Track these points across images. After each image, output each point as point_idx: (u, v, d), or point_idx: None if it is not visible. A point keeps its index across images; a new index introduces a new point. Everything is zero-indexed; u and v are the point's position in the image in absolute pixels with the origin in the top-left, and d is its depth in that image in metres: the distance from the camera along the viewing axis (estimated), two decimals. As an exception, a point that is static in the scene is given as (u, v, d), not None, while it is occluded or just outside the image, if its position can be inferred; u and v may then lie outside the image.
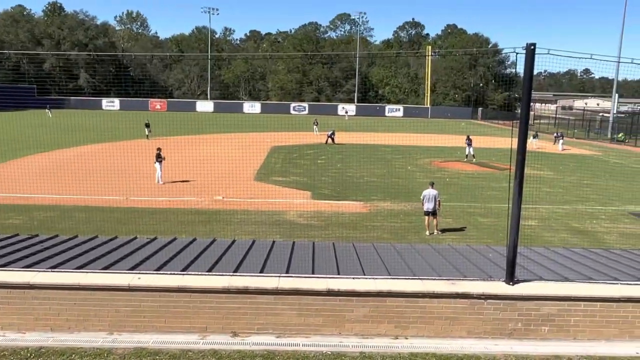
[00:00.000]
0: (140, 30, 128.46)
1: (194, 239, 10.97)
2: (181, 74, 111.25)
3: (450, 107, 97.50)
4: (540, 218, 19.89)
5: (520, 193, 7.46)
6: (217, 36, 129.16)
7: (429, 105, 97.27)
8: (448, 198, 22.13)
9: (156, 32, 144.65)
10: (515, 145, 7.21)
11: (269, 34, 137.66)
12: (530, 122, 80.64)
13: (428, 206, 17.54)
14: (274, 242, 11.02)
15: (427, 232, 17.49)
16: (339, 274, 7.98)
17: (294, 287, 7.25)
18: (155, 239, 10.78)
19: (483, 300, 7.13)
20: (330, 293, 7.20)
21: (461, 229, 18.17)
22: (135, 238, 10.83)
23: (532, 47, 6.79)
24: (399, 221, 19.01)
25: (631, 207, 22.14)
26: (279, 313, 7.25)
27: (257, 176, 27.07)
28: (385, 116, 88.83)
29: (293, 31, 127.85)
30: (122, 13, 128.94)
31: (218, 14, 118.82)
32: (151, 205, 19.76)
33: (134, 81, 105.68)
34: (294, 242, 10.96)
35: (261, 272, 8.16)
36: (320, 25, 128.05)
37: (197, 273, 7.84)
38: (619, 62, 10.37)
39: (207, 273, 7.88)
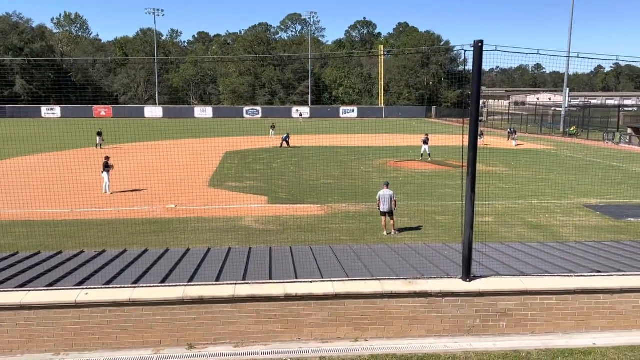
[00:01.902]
0: (80, 33, 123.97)
1: (146, 250, 10.57)
2: (127, 78, 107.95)
3: (404, 106, 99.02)
4: (496, 214, 20.32)
5: (473, 190, 7.50)
6: (163, 38, 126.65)
7: (383, 105, 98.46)
8: (404, 197, 22.32)
9: (98, 35, 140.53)
10: (466, 143, 7.24)
11: (218, 35, 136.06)
12: (484, 118, 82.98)
13: (384, 206, 17.61)
14: (229, 249, 10.75)
15: (385, 232, 17.56)
16: (297, 278, 7.83)
17: (251, 293, 7.04)
18: (103, 251, 10.31)
19: (441, 298, 7.13)
20: (288, 298, 7.03)
21: (418, 228, 18.32)
22: (82, 252, 10.33)
23: (480, 44, 6.84)
24: (356, 222, 19.00)
25: (585, 200, 22.90)
26: (236, 322, 7.02)
27: (211, 182, 26.56)
28: (340, 117, 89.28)
29: (243, 32, 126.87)
30: (60, 15, 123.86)
31: (163, 15, 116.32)
32: (99, 216, 18.99)
33: (76, 87, 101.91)
34: (250, 248, 10.74)
35: (217, 280, 7.90)
36: (271, 26, 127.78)
37: (149, 285, 7.51)
38: (569, 57, 10.65)
39: (160, 284, 7.55)
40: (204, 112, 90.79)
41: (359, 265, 9.03)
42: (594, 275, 7.73)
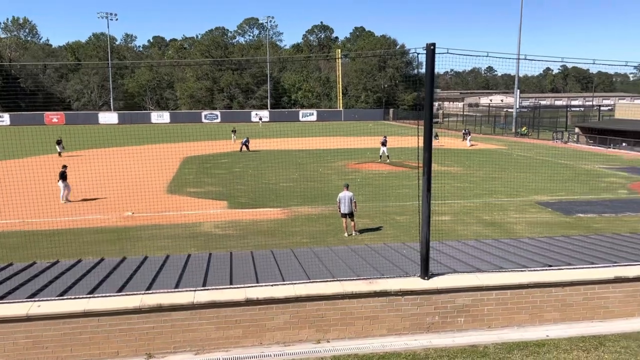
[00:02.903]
0: (29, 38, 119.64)
1: (102, 259, 10.28)
2: (79, 84, 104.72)
3: (362, 109, 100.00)
4: (453, 213, 20.76)
5: (429, 189, 7.65)
6: (117, 43, 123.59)
7: (341, 109, 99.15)
8: (364, 199, 22.53)
9: (48, 40, 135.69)
10: (421, 144, 7.39)
11: (174, 40, 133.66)
12: (440, 120, 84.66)
13: (344, 208, 17.75)
14: (189, 255, 10.58)
15: (346, 234, 17.68)
16: (258, 282, 7.78)
17: (211, 299, 6.95)
18: (57, 262, 9.97)
19: (401, 297, 7.23)
20: (249, 302, 6.98)
21: (378, 229, 18.53)
22: (34, 263, 9.95)
23: (432, 47, 7.00)
24: (317, 225, 19.06)
25: (537, 197, 23.68)
26: (196, 329, 6.92)
27: (170, 188, 26.10)
28: (300, 121, 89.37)
29: (199, 37, 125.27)
30: (7, 19, 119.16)
31: (117, 19, 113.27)
32: (52, 226, 18.33)
33: (26, 93, 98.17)
34: (210, 254, 10.60)
35: (176, 287, 7.76)
36: (228, 30, 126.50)
37: (105, 295, 7.31)
38: (518, 59, 11.01)
39: (116, 294, 7.36)
40: (161, 117, 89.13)
41: (320, 267, 9.06)
42: (546, 270, 8.01)
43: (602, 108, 72.09)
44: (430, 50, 7.01)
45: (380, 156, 37.39)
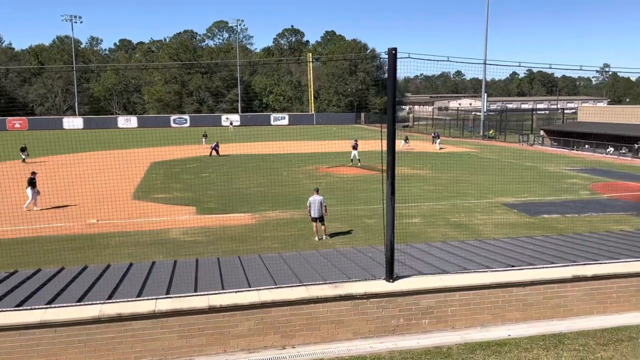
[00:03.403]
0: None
1: (62, 269, 10.01)
2: (43, 88, 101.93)
3: (334, 113, 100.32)
4: (422, 215, 20.97)
5: (393, 193, 7.71)
6: (82, 46, 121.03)
7: (313, 112, 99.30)
8: (335, 202, 22.57)
9: (10, 43, 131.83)
10: (385, 147, 7.43)
11: (141, 43, 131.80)
12: (411, 124, 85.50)
13: (314, 212, 17.74)
14: (153, 263, 10.40)
15: (316, 238, 17.67)
16: (223, 289, 7.69)
17: (173, 307, 6.83)
18: (15, 272, 9.67)
19: (366, 300, 7.25)
20: (212, 310, 6.89)
21: (349, 232, 18.58)
22: (-9, 273, 9.62)
23: (394, 52, 7.07)
24: (288, 229, 19.00)
25: (503, 199, 24.12)
26: (158, 338, 6.79)
27: (136, 194, 25.64)
28: (271, 125, 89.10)
29: (168, 40, 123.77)
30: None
31: (81, 22, 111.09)
32: (13, 235, 17.80)
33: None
34: (175, 261, 10.44)
35: (139, 295, 7.61)
36: (197, 33, 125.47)
37: (63, 305, 7.10)
38: (485, 64, 11.21)
39: (75, 304, 7.17)
40: (128, 121, 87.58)
41: (288, 272, 9.01)
42: (507, 270, 8.14)
43: (566, 111, 74.03)
44: (392, 54, 7.08)
45: (352, 160, 37.56)
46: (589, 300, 7.96)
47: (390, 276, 7.61)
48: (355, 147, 37.86)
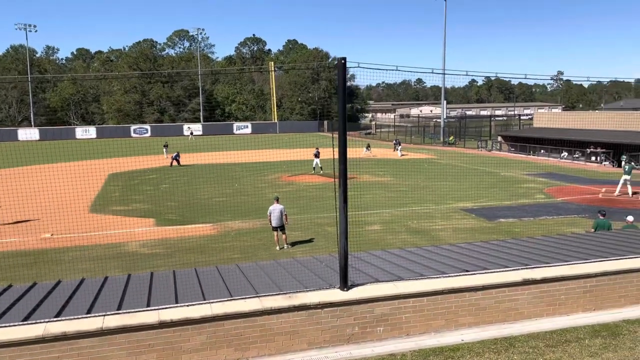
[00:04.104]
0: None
1: (9, 286, 9.60)
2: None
3: (297, 121, 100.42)
4: (383, 222, 21.15)
5: (345, 201, 7.73)
6: (37, 55, 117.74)
7: (276, 121, 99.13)
8: (297, 211, 22.55)
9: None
10: (337, 156, 7.45)
11: (99, 52, 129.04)
12: (373, 131, 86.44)
13: (275, 221, 17.67)
14: (106, 277, 10.09)
15: (278, 247, 17.60)
16: (177, 303, 7.52)
17: (122, 324, 6.63)
18: (-43, 291, 9.21)
19: (320, 310, 7.22)
20: (162, 325, 6.73)
21: (310, 240, 18.58)
22: None
23: (343, 61, 7.12)
24: (249, 239, 18.85)
25: (462, 204, 24.58)
26: (106, 356, 6.57)
27: (93, 207, 24.99)
28: (234, 134, 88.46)
29: (127, 49, 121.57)
30: None
31: (36, 31, 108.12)
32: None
33: None
34: (129, 275, 10.17)
35: (88, 312, 7.36)
36: (157, 42, 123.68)
37: (4, 325, 6.80)
38: (432, 72, 11.39)
39: (18, 323, 6.87)
40: (86, 132, 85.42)
41: (244, 283, 8.89)
42: (460, 275, 8.26)
43: (522, 117, 76.28)
44: (342, 64, 7.13)
45: (314, 168, 37.62)
46: (538, 303, 8.14)
47: (345, 285, 7.60)
48: (317, 155, 37.97)
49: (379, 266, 9.92)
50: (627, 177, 26.86)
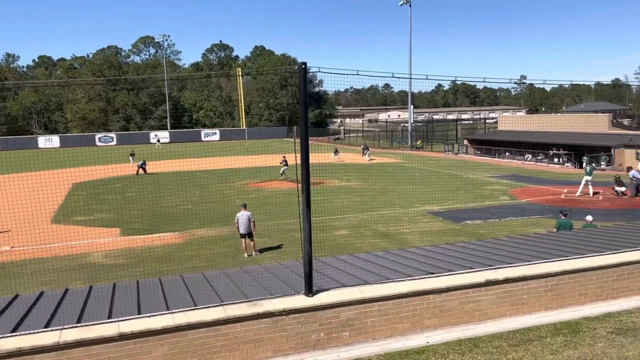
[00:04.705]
0: None
1: (-38, 303, 9.22)
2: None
3: (266, 127, 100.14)
4: (351, 227, 21.19)
5: (308, 206, 7.70)
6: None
7: (245, 127, 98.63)
8: (265, 217, 22.41)
9: None
10: (299, 161, 7.42)
11: (62, 59, 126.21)
12: (342, 136, 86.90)
13: (243, 228, 17.52)
14: (66, 290, 9.79)
15: (246, 254, 17.44)
16: (140, 314, 7.34)
17: (79, 338, 6.43)
18: None
19: (285, 316, 7.15)
20: (123, 337, 6.55)
21: (278, 247, 18.48)
22: None
23: (304, 67, 7.11)
24: (216, 247, 18.63)
25: (429, 207, 24.84)
26: (64, 372, 6.36)
27: (56, 218, 24.32)
28: (202, 141, 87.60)
29: (91, 56, 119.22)
30: None
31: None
32: None
33: None
34: (90, 287, 9.89)
35: (47, 326, 7.11)
36: (122, 49, 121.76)
37: (-45, 344, 6.51)
38: (393, 77, 11.48)
39: (-30, 341, 6.59)
40: (49, 141, 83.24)
41: (209, 292, 8.76)
42: (424, 277, 8.31)
43: (487, 121, 77.76)
44: (302, 69, 7.12)
45: (282, 174, 37.52)
46: (502, 303, 8.26)
47: (310, 290, 7.56)
48: (284, 162, 37.93)
49: (345, 271, 9.91)
50: (589, 177, 27.66)
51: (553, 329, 7.72)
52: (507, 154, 51.13)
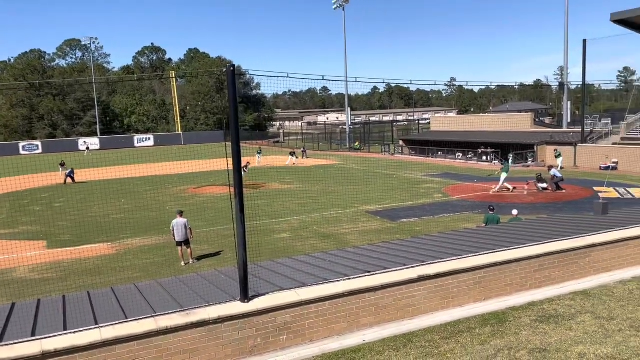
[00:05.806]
0: None
1: None
2: None
3: (203, 131, 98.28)
4: (291, 229, 21.15)
5: (242, 210, 7.62)
6: None
7: (180, 132, 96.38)
8: (204, 224, 21.99)
9: None
10: (230, 166, 7.33)
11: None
12: (281, 139, 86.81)
13: (178, 236, 17.11)
14: (-15, 309, 9.18)
15: (183, 263, 17.02)
16: (65, 330, 6.98)
17: (-2, 360, 6.04)
18: None
19: (220, 324, 7.03)
20: (46, 356, 6.21)
21: (217, 253, 18.16)
22: None
23: (232, 69, 7.04)
24: (151, 257, 18.06)
25: (367, 207, 25.21)
26: (-20, 397, 5.94)
27: (-26, 232, 22.75)
28: (135, 147, 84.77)
29: (12, 60, 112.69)
30: None
31: None
32: None
33: None
34: (13, 304, 9.32)
35: (-39, 350, 6.62)
36: (46, 52, 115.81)
37: None
38: (323, 79, 11.59)
39: None
40: (-33, 151, 77.77)
41: (142, 304, 8.46)
42: (360, 277, 8.43)
43: (421, 122, 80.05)
44: (231, 71, 7.05)
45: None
46: (434, 298, 8.50)
47: (245, 296, 7.47)
48: (244, 166, 37.40)
49: (283, 274, 9.88)
50: (505, 174, 29.09)
51: (482, 320, 8.03)
52: (439, 153, 52.89)
